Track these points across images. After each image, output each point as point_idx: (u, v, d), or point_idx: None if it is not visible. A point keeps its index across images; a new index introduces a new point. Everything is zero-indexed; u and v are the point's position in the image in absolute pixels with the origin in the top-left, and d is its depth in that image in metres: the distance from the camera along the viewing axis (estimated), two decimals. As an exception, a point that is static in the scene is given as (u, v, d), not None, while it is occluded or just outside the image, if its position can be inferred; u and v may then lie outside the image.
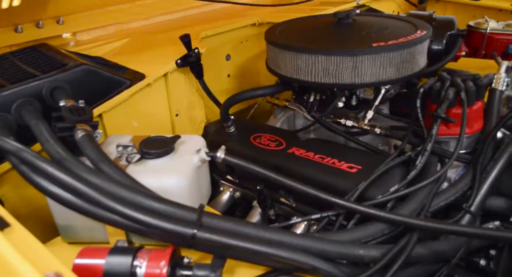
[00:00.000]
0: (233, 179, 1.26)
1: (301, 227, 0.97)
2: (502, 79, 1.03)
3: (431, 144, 0.89)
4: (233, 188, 1.28)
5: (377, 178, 0.88)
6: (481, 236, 0.67)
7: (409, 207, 0.79)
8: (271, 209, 1.16)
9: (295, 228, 0.98)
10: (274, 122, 1.33)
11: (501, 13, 1.88)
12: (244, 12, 1.74)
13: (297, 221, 0.86)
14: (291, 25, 1.22)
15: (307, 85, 1.08)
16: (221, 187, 1.33)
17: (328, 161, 0.99)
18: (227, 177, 1.27)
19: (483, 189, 0.87)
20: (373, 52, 0.96)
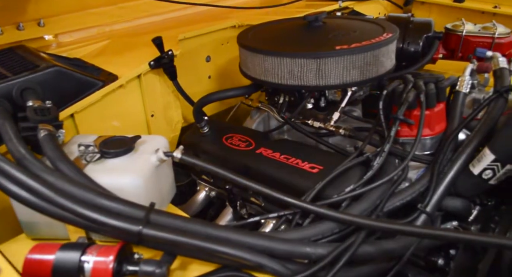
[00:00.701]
0: (208, 178, 1.28)
1: (269, 226, 0.99)
2: (466, 82, 1.05)
3: (388, 145, 0.91)
4: (208, 187, 1.31)
5: (335, 178, 0.90)
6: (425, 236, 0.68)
7: (360, 206, 0.81)
8: (243, 208, 1.18)
9: (264, 227, 1.00)
10: (250, 123, 1.35)
11: (484, 15, 1.89)
12: (227, 15, 1.76)
13: (253, 220, 0.88)
14: (264, 28, 1.24)
15: (274, 87, 1.10)
16: (198, 186, 1.36)
17: (292, 161, 1.01)
18: (203, 176, 1.30)
19: (439, 190, 0.88)
20: (336, 55, 0.97)
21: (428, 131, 1.01)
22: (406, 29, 1.50)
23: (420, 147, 1.05)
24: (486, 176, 0.85)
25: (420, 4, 2.14)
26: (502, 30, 1.46)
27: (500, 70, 1.04)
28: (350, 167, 0.92)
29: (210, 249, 0.65)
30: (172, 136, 1.37)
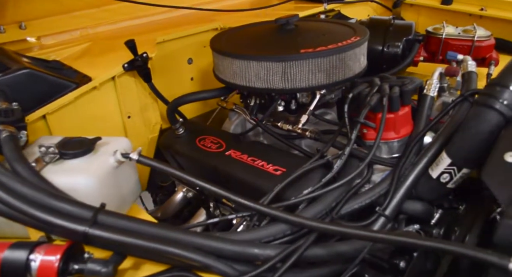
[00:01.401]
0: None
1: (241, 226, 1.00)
2: (433, 85, 1.05)
3: (348, 148, 0.91)
4: (186, 188, 1.33)
5: (296, 181, 0.91)
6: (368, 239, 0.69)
7: (314, 209, 0.82)
8: (217, 209, 1.19)
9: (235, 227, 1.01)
10: (228, 125, 1.36)
11: (471, 17, 1.89)
12: (214, 17, 1.77)
13: (210, 222, 0.89)
14: (238, 32, 1.26)
15: (242, 89, 1.11)
16: (176, 187, 1.38)
17: (258, 163, 1.02)
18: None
19: (399, 193, 0.89)
20: (301, 58, 0.98)
21: (394, 134, 1.01)
22: (387, 31, 1.51)
23: (387, 150, 1.05)
24: (444, 179, 0.85)
25: (409, 6, 2.13)
26: (482, 33, 1.46)
27: (468, 74, 1.04)
28: (311, 170, 0.92)
29: (155, 249, 0.66)
30: (151, 137, 1.38)
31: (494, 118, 0.76)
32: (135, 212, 0.92)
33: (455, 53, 1.13)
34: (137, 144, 1.36)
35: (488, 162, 0.71)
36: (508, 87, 0.76)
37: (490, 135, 0.77)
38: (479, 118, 0.78)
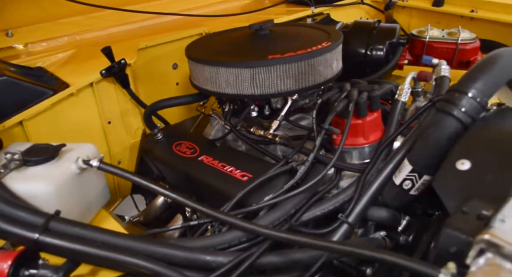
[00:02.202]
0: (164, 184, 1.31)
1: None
2: (404, 90, 1.04)
3: (312, 154, 0.91)
4: (166, 193, 1.33)
5: (261, 187, 0.91)
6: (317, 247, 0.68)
7: (271, 216, 0.82)
8: (194, 214, 1.20)
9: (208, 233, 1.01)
10: (209, 130, 1.37)
11: (462, 19, 1.86)
12: (201, 22, 1.78)
13: (169, 229, 0.90)
14: (214, 38, 1.26)
15: (213, 95, 1.11)
16: (158, 192, 1.39)
17: (227, 169, 1.02)
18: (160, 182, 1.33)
19: (363, 200, 0.88)
20: (268, 64, 0.98)
21: (363, 140, 1.00)
22: (370, 35, 1.50)
23: (358, 156, 1.04)
24: (406, 186, 0.85)
25: (401, 9, 2.12)
26: (466, 36, 1.44)
27: (441, 79, 1.03)
28: (276, 176, 0.92)
29: (105, 257, 0.67)
30: (133, 142, 1.40)
31: (452, 125, 0.75)
32: (103, 218, 0.93)
33: (430, 57, 1.11)
34: (119, 149, 1.38)
35: (440, 170, 0.70)
36: (466, 94, 0.75)
37: (449, 142, 0.76)
38: (437, 124, 0.77)
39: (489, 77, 0.76)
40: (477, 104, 0.75)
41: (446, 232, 0.58)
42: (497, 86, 0.77)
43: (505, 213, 0.55)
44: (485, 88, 0.75)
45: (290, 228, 0.83)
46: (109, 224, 0.91)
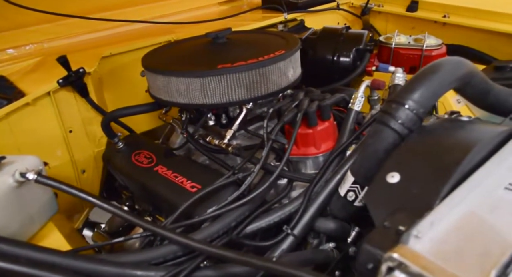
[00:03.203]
0: (127, 192, 1.30)
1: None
2: (358, 99, 1.03)
3: (259, 165, 0.90)
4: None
5: (207, 199, 0.90)
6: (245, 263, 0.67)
7: (210, 229, 0.81)
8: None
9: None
10: (175, 138, 1.36)
11: (436, 24, 1.86)
12: (173, 29, 1.78)
13: (113, 242, 0.89)
14: (173, 47, 1.26)
15: (166, 104, 1.11)
16: (123, 200, 1.38)
17: (179, 179, 1.01)
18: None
19: (309, 212, 0.87)
20: (218, 74, 0.97)
21: (314, 149, 1.00)
22: (337, 41, 1.49)
23: (312, 165, 1.04)
24: (350, 197, 0.83)
25: (378, 14, 2.12)
26: (432, 42, 1.44)
27: (394, 87, 1.02)
28: (223, 187, 0.91)
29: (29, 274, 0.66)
30: (97, 151, 1.39)
31: (390, 136, 0.74)
32: (48, 231, 0.92)
33: (386, 65, 1.11)
34: (82, 158, 1.37)
35: (372, 182, 0.69)
36: (403, 105, 0.74)
37: (386, 153, 0.75)
38: (375, 136, 0.76)
39: (426, 88, 0.75)
40: (414, 116, 0.73)
41: (364, 248, 0.57)
42: (436, 97, 0.76)
43: (419, 229, 0.54)
44: (422, 99, 0.74)
45: (231, 241, 0.82)
46: (53, 237, 0.90)
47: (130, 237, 0.88)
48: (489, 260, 0.50)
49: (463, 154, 0.65)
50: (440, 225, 0.57)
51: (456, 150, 0.66)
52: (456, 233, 0.56)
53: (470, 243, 0.54)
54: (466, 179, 0.63)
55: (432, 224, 0.56)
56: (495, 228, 0.56)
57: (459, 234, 0.56)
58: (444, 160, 0.65)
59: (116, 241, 0.86)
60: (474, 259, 0.51)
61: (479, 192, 0.62)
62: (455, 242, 0.55)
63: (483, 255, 0.51)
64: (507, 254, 0.50)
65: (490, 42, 1.70)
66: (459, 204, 0.60)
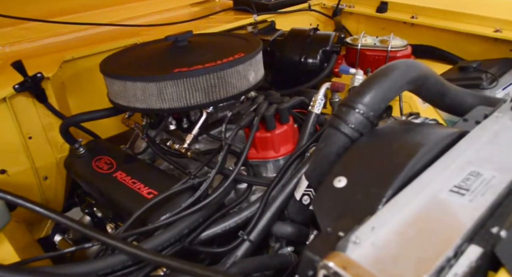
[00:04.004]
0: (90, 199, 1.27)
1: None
2: (318, 102, 1.03)
3: (214, 170, 0.89)
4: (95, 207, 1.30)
5: (162, 205, 0.88)
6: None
7: (160, 237, 0.79)
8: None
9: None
10: (140, 143, 1.34)
11: (405, 25, 1.88)
12: (142, 32, 1.75)
13: (66, 251, 0.86)
14: (133, 50, 1.23)
15: (124, 109, 1.08)
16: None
17: (136, 186, 0.99)
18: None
19: (265, 217, 0.86)
20: (175, 78, 0.96)
21: (273, 153, 0.99)
22: (304, 43, 1.49)
23: (273, 169, 1.03)
24: (305, 201, 0.83)
25: (349, 15, 2.12)
26: (398, 43, 1.45)
27: (353, 89, 1.02)
28: (179, 193, 0.90)
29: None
30: (60, 157, 1.35)
31: (341, 140, 0.74)
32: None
33: (347, 67, 1.11)
34: (44, 165, 1.34)
35: (320, 187, 0.69)
36: (354, 109, 0.74)
37: (338, 157, 0.74)
38: (327, 140, 0.76)
39: (377, 91, 0.75)
40: (364, 119, 0.73)
41: (304, 254, 0.56)
42: (386, 100, 0.76)
43: (358, 235, 0.53)
44: (372, 103, 0.74)
45: (184, 248, 0.80)
46: (3, 249, 0.87)
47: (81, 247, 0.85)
48: (423, 265, 0.50)
49: (407, 157, 0.64)
50: (382, 230, 0.57)
51: (401, 154, 0.66)
52: (397, 238, 0.56)
53: (408, 248, 0.54)
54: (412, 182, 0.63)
55: (373, 229, 0.56)
56: (435, 232, 0.56)
57: (400, 239, 0.56)
58: (389, 163, 0.65)
59: (67, 251, 0.84)
60: (409, 265, 0.51)
61: (424, 195, 0.62)
62: (394, 248, 0.54)
63: (419, 260, 0.51)
64: (441, 258, 0.50)
65: (457, 42, 1.72)
66: (403, 208, 0.60)
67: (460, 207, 0.59)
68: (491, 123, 0.80)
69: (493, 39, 1.57)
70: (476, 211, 0.58)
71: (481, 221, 0.57)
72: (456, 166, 0.68)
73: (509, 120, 0.82)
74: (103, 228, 1.22)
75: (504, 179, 0.64)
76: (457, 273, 0.49)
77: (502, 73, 1.37)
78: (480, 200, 0.60)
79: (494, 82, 1.31)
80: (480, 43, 1.64)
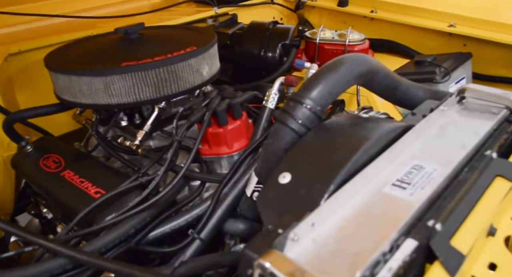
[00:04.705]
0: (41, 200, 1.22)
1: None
2: (271, 96, 1.01)
3: (163, 168, 0.86)
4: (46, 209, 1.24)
5: (110, 205, 0.85)
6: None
7: (105, 238, 0.76)
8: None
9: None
10: (94, 140, 1.29)
11: (365, 19, 1.90)
12: (99, 24, 1.68)
13: (4, 256, 0.82)
14: (81, 44, 1.18)
15: (70, 105, 1.04)
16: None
17: (84, 185, 0.95)
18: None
19: (217, 213, 0.85)
20: (122, 72, 0.92)
21: (226, 149, 0.97)
22: (264, 37, 1.48)
23: (227, 165, 1.01)
24: (256, 198, 0.82)
25: (311, 8, 2.13)
26: (356, 37, 1.46)
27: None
28: (126, 192, 0.87)
29: None
30: (6, 156, 1.29)
31: (288, 136, 0.73)
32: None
33: (302, 61, 1.10)
34: (-11, 164, 1.27)
35: (265, 184, 0.68)
36: (301, 104, 0.73)
37: (286, 153, 0.73)
38: (275, 135, 0.75)
39: (324, 86, 0.74)
40: (311, 114, 0.73)
41: (244, 253, 0.55)
42: (334, 95, 0.75)
43: (297, 231, 0.53)
44: (319, 98, 0.73)
45: (131, 249, 0.78)
46: None
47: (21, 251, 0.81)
48: (358, 260, 0.50)
49: (351, 152, 0.64)
50: (323, 226, 0.57)
51: (345, 148, 0.65)
52: (337, 233, 0.56)
53: (346, 244, 0.53)
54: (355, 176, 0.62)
55: (313, 225, 0.55)
56: (373, 226, 0.56)
57: (340, 235, 0.55)
58: (333, 158, 0.64)
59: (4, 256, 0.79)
60: (345, 260, 0.50)
61: (367, 190, 0.62)
62: (333, 243, 0.54)
63: (355, 256, 0.51)
64: (376, 253, 0.50)
65: (415, 37, 1.76)
66: (345, 203, 0.60)
67: (400, 201, 0.60)
68: (437, 116, 0.81)
69: (448, 34, 1.61)
70: (415, 204, 0.58)
71: (419, 215, 0.57)
72: (400, 160, 0.68)
73: (456, 113, 0.84)
74: (53, 229, 1.17)
75: (445, 172, 0.65)
76: (391, 267, 0.49)
77: (454, 67, 1.40)
78: (419, 194, 0.60)
79: (446, 76, 1.34)
80: (436, 38, 1.68)
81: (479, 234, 0.57)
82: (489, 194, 0.63)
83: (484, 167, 0.67)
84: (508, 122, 0.80)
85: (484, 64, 1.57)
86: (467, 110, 0.85)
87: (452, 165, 0.66)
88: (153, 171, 0.91)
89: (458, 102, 0.87)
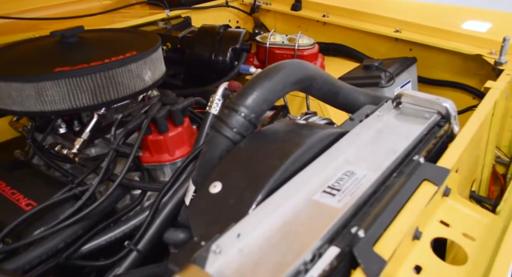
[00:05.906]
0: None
1: None
2: (215, 102, 1.00)
3: (98, 178, 0.83)
4: None
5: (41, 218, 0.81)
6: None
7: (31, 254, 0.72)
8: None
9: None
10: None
11: (318, 23, 1.92)
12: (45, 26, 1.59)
13: None
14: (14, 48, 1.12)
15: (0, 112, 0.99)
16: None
17: (15, 197, 0.90)
18: None
19: (155, 224, 0.82)
20: (55, 78, 0.88)
21: (168, 156, 0.95)
22: (214, 40, 1.47)
23: (170, 173, 0.99)
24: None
25: (266, 12, 2.13)
26: (305, 42, 1.47)
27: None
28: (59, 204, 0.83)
29: None
30: None
31: (223, 144, 0.72)
32: None
33: (248, 66, 1.10)
34: None
35: (196, 194, 0.66)
36: (236, 111, 0.72)
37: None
38: (210, 143, 0.74)
39: (259, 93, 0.74)
40: (246, 122, 0.72)
41: (168, 266, 0.53)
42: (269, 102, 0.75)
43: (220, 243, 0.52)
44: (254, 105, 0.73)
45: (60, 264, 0.74)
46: None
47: None
48: (279, 270, 0.49)
49: (281, 159, 0.64)
50: (250, 236, 0.56)
51: (276, 156, 0.65)
52: (263, 243, 0.55)
53: (271, 253, 0.53)
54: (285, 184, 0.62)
55: (239, 236, 0.55)
56: (298, 235, 0.56)
57: (265, 244, 0.55)
58: (263, 166, 0.64)
59: None
60: (268, 270, 0.50)
61: (297, 197, 0.62)
62: (258, 253, 0.53)
63: (277, 265, 0.50)
64: (296, 262, 0.50)
65: (365, 41, 1.80)
66: (273, 212, 0.59)
67: (328, 208, 0.60)
68: (372, 122, 0.83)
69: (394, 39, 1.66)
70: (342, 211, 0.59)
71: (344, 222, 0.58)
72: (333, 166, 0.69)
73: (392, 118, 0.86)
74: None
75: (373, 177, 0.66)
76: (312, 276, 0.49)
77: (400, 71, 1.45)
78: (347, 200, 0.61)
79: (391, 80, 1.38)
80: (384, 43, 1.73)
81: (404, 238, 0.58)
82: (416, 199, 0.65)
83: (412, 172, 0.68)
84: (438, 127, 0.83)
85: (429, 68, 1.63)
86: (403, 115, 0.87)
87: (381, 170, 0.67)
88: (78, 180, 0.87)
89: (395, 107, 0.89)
